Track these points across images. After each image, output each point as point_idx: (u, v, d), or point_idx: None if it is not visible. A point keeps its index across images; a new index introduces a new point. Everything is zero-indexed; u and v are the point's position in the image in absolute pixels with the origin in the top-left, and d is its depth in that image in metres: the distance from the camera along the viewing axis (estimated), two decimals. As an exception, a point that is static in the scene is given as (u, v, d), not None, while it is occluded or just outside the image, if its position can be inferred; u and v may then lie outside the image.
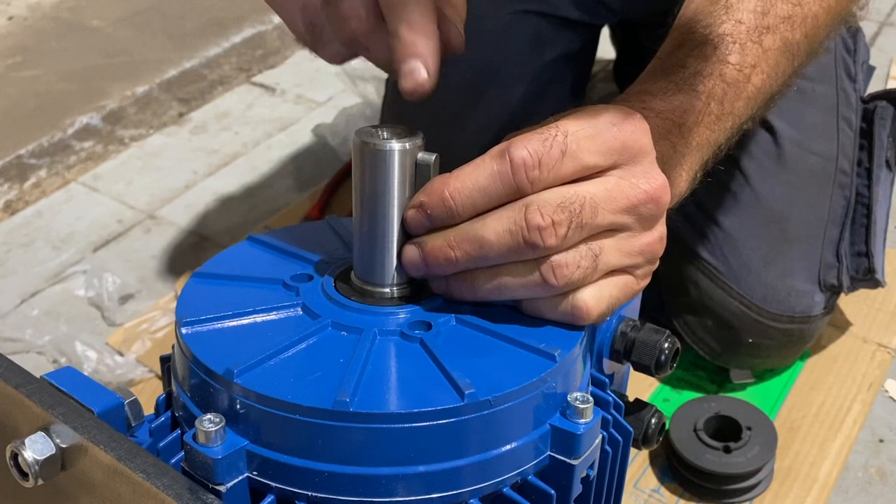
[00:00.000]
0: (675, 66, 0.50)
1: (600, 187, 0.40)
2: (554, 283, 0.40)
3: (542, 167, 0.39)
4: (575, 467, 0.40)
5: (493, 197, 0.39)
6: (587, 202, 0.39)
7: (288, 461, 0.38)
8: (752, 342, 0.79)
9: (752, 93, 0.52)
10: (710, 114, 0.49)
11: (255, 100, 1.36)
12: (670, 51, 0.52)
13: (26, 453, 0.37)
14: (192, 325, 0.42)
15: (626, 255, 0.41)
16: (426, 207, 0.40)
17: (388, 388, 0.38)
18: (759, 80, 0.52)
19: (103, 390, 0.40)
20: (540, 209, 0.38)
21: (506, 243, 0.39)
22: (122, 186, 1.18)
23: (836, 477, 0.77)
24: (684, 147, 0.48)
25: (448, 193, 0.40)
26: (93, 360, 0.89)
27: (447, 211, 0.40)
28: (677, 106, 0.48)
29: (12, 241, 1.08)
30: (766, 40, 0.52)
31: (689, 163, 0.49)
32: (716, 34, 0.51)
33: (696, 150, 0.49)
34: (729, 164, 0.79)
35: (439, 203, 0.40)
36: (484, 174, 0.39)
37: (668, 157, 0.47)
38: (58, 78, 1.36)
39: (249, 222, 1.11)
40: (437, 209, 0.40)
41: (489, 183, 0.39)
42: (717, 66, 0.50)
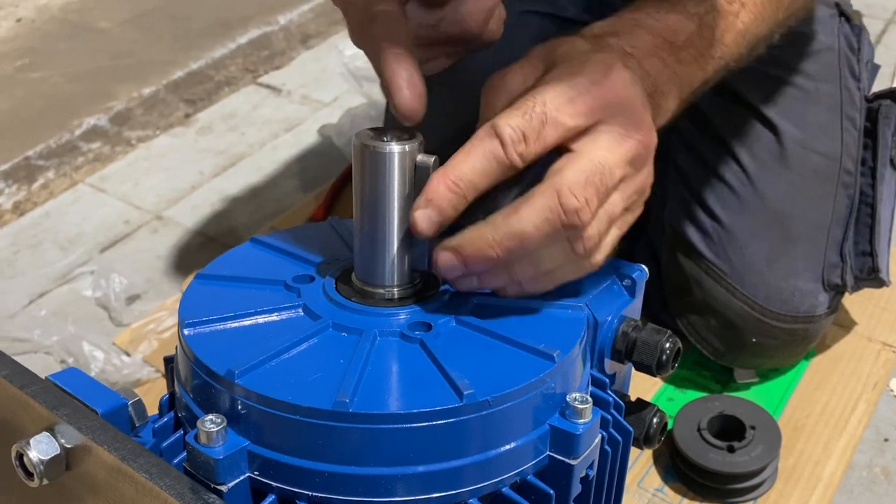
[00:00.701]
0: None
1: (605, 149, 0.41)
2: (583, 253, 0.42)
3: (528, 140, 0.40)
4: (574, 467, 0.40)
5: (490, 176, 0.41)
6: (606, 170, 0.41)
7: (289, 461, 0.38)
8: (755, 342, 0.79)
9: (741, 29, 0.53)
10: (703, 38, 0.50)
11: (261, 100, 1.37)
12: None
13: (31, 453, 0.38)
14: (194, 327, 0.42)
15: (628, 199, 0.44)
16: (433, 202, 0.41)
17: (388, 388, 0.39)
18: (747, 18, 0.54)
19: (107, 391, 0.41)
20: (573, 192, 0.40)
21: (546, 232, 0.40)
22: (128, 187, 1.18)
23: (840, 476, 0.77)
24: (675, 64, 0.49)
25: (451, 182, 0.41)
26: (100, 360, 0.90)
27: (454, 198, 0.41)
28: (669, 24, 0.49)
29: (21, 242, 1.09)
30: None
31: (679, 82, 0.49)
32: None
33: (686, 70, 0.50)
34: (732, 163, 0.79)
35: (445, 193, 0.41)
36: (478, 156, 0.41)
37: (657, 72, 0.47)
38: (65, 79, 1.37)
39: (255, 223, 1.11)
40: (443, 199, 0.41)
41: (484, 164, 0.41)
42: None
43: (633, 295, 0.50)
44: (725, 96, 0.80)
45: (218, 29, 1.49)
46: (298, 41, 1.51)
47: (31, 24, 1.51)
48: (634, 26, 0.48)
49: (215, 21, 1.51)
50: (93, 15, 1.54)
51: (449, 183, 0.40)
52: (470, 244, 0.41)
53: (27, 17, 1.53)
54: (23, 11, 1.55)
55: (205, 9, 1.55)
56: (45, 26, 1.51)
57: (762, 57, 0.81)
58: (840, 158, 0.80)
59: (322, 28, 1.54)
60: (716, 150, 0.80)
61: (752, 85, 0.80)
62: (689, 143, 0.82)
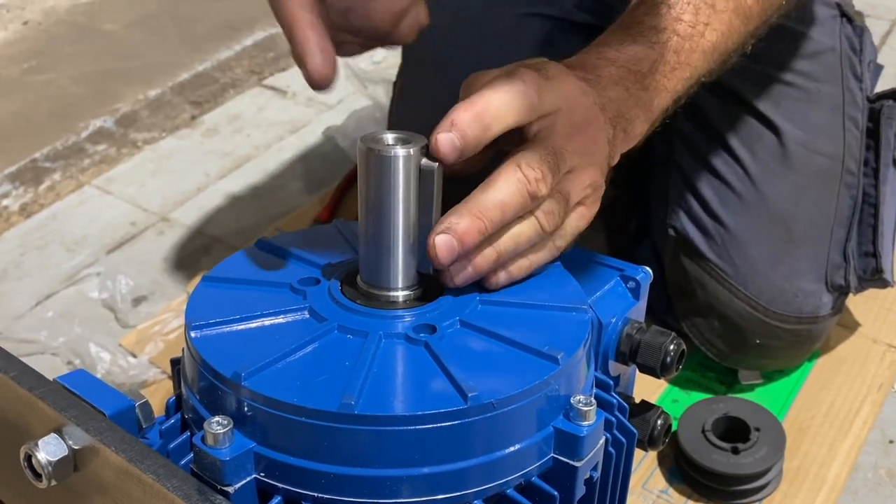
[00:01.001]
0: (632, 22, 0.55)
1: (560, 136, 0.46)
2: (547, 228, 0.46)
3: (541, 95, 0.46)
4: (578, 469, 0.40)
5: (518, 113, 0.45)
6: (558, 152, 0.46)
7: (294, 463, 0.38)
8: (759, 343, 0.79)
9: (708, 48, 0.56)
10: (666, 63, 0.54)
11: (266, 102, 1.37)
12: (629, 11, 0.56)
13: (40, 454, 0.38)
14: (201, 329, 0.42)
15: (582, 192, 0.48)
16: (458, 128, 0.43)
17: (393, 390, 0.39)
18: (713, 36, 0.56)
19: (115, 393, 0.41)
20: (530, 164, 0.44)
21: (518, 201, 0.44)
22: (135, 189, 1.19)
23: (845, 478, 0.77)
24: (640, 91, 0.52)
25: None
26: (106, 361, 0.90)
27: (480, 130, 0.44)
28: (632, 55, 0.52)
29: (28, 244, 1.10)
30: (718, 4, 0.57)
31: (647, 107, 0.53)
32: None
33: (653, 95, 0.53)
34: (734, 165, 0.79)
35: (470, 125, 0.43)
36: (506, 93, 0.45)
37: (622, 101, 0.51)
38: (71, 82, 1.37)
39: (261, 224, 1.11)
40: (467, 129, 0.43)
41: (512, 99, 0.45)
42: (672, 22, 0.54)
43: (637, 297, 0.50)
44: (727, 98, 0.80)
45: (223, 31, 1.49)
46: (303, 43, 1.51)
47: (38, 27, 1.52)
48: (598, 59, 0.51)
49: (221, 23, 1.51)
50: (99, 17, 1.55)
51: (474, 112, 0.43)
52: (459, 220, 0.43)
53: (34, 19, 1.54)
54: (29, 14, 1.55)
55: (210, 11, 1.55)
56: (52, 29, 1.51)
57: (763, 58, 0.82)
58: (842, 159, 0.80)
59: (327, 30, 1.55)
60: (718, 151, 0.80)
61: (754, 87, 0.80)
62: (691, 146, 0.82)
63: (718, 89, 0.81)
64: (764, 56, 0.80)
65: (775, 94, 0.80)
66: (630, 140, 0.52)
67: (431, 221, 0.43)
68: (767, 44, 0.80)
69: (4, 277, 1.04)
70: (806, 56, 0.81)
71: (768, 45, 0.79)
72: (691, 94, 0.57)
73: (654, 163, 0.88)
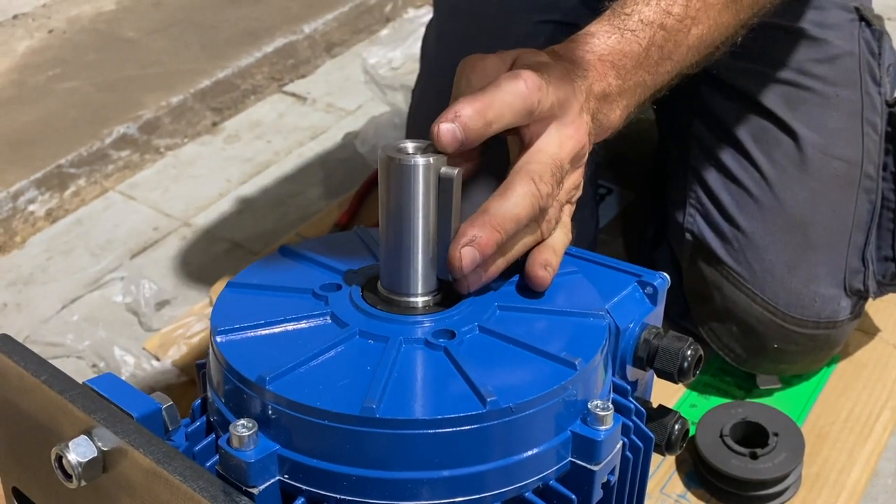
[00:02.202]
0: (621, 13, 0.56)
1: (557, 145, 0.48)
2: (546, 234, 0.49)
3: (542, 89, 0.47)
4: (595, 473, 0.41)
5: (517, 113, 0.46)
6: (559, 163, 0.48)
7: (317, 465, 0.39)
8: (777, 348, 0.79)
9: (693, 42, 0.57)
10: (650, 58, 0.55)
11: (286, 109, 1.38)
12: (622, 2, 0.57)
13: (70, 456, 0.39)
14: (226, 334, 0.43)
15: (569, 193, 0.51)
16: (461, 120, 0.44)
17: (413, 395, 0.40)
18: (699, 30, 0.57)
19: (142, 396, 0.42)
20: (543, 180, 0.46)
21: (531, 214, 0.46)
22: (158, 195, 1.20)
23: (865, 484, 0.76)
24: (621, 87, 0.54)
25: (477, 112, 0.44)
26: (130, 364, 0.92)
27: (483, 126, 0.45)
28: (618, 50, 0.54)
29: (53, 249, 1.11)
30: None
31: (626, 101, 0.54)
32: None
33: (633, 89, 0.54)
34: (752, 170, 0.79)
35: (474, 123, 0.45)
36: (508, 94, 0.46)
37: (605, 95, 0.53)
38: (95, 89, 1.40)
39: (281, 229, 1.13)
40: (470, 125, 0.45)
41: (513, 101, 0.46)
42: (660, 16, 0.55)
43: (654, 303, 0.50)
44: (744, 103, 0.80)
45: (244, 38, 1.51)
46: (323, 50, 1.53)
47: (63, 36, 1.54)
48: (586, 53, 0.53)
49: (241, 31, 1.53)
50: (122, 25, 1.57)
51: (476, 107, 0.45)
52: (481, 233, 0.44)
53: (59, 28, 1.56)
54: (54, 23, 1.58)
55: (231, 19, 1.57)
56: (76, 37, 1.54)
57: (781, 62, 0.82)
58: (861, 163, 0.79)
59: (346, 37, 1.56)
60: (735, 156, 0.80)
61: (771, 91, 0.80)
62: (708, 150, 0.82)
63: (735, 93, 0.81)
64: (781, 60, 0.80)
65: (793, 98, 0.80)
66: (603, 133, 0.54)
67: (451, 229, 0.44)
68: (784, 48, 0.80)
69: (31, 282, 1.06)
70: (824, 60, 0.81)
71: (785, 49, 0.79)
72: (672, 85, 0.59)
73: (670, 168, 0.88)
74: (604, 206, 1.04)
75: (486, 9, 0.86)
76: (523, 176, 0.46)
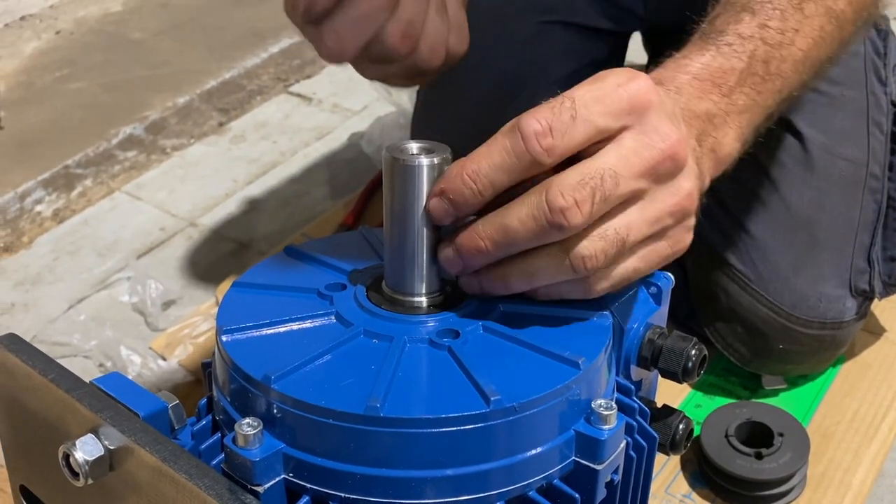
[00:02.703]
0: (713, 32, 0.49)
1: (616, 154, 0.39)
2: (583, 272, 0.41)
3: (555, 133, 0.39)
4: (599, 472, 0.41)
5: (510, 172, 0.40)
6: (606, 173, 0.39)
7: (322, 463, 0.39)
8: (782, 348, 0.79)
9: (799, 57, 0.50)
10: (755, 75, 0.48)
11: (292, 109, 1.39)
12: (709, 21, 0.51)
13: (77, 454, 0.39)
14: (231, 333, 0.44)
15: (654, 223, 0.41)
16: (447, 193, 0.41)
17: (417, 393, 0.40)
18: (804, 44, 0.50)
19: (148, 395, 0.42)
20: (560, 190, 0.39)
21: (530, 228, 0.40)
22: (164, 195, 1.21)
23: (870, 484, 0.76)
24: (728, 106, 0.47)
25: (467, 176, 0.40)
26: (137, 364, 0.92)
27: (468, 192, 0.40)
28: (717, 67, 0.47)
29: (60, 249, 1.12)
30: (807, 8, 0.51)
31: (737, 123, 0.47)
32: (755, 2, 0.50)
33: (743, 110, 0.48)
34: (757, 170, 0.79)
35: (459, 186, 0.40)
36: (497, 150, 0.40)
37: (710, 115, 0.46)
38: (102, 90, 1.40)
39: (287, 229, 1.13)
40: (457, 192, 0.41)
41: (503, 158, 0.39)
42: (758, 29, 0.49)
43: (658, 302, 0.50)
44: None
45: (250, 39, 1.51)
46: (328, 50, 1.53)
47: (70, 36, 1.55)
48: (678, 73, 0.46)
49: (247, 31, 1.53)
50: (128, 26, 1.57)
51: (464, 175, 0.40)
52: (462, 236, 0.42)
53: (66, 29, 1.57)
54: (62, 24, 1.59)
55: (237, 20, 1.58)
56: (84, 38, 1.54)
57: None
58: (867, 164, 0.79)
59: (352, 37, 1.56)
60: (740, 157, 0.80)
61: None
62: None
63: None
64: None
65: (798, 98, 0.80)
66: (720, 163, 0.47)
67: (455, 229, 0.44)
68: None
69: (38, 282, 1.06)
70: (829, 60, 0.80)
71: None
72: (783, 110, 0.52)
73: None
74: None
75: (490, 9, 0.86)
76: (538, 187, 0.39)
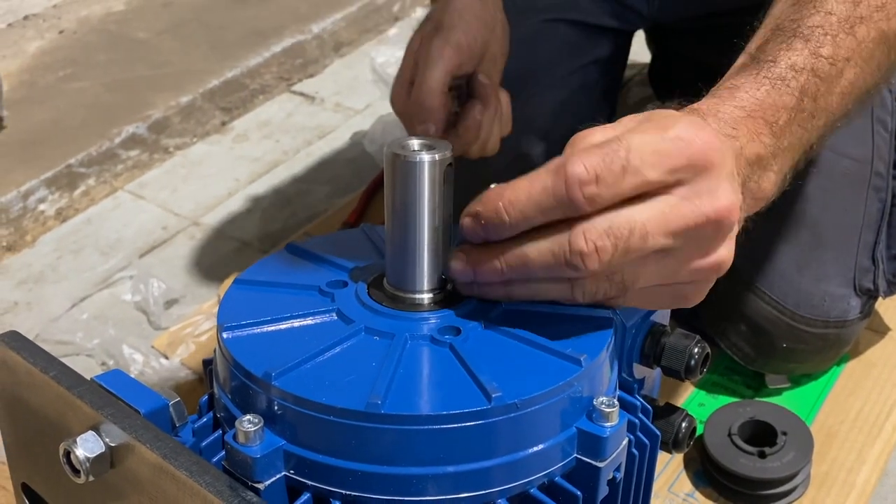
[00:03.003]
0: (765, 60, 0.47)
1: (655, 210, 0.39)
2: (581, 300, 0.42)
3: (601, 183, 0.38)
4: (601, 469, 0.41)
5: (546, 211, 0.39)
6: (637, 229, 0.39)
7: (323, 461, 0.39)
8: (786, 347, 0.79)
9: (846, 88, 0.49)
10: (804, 111, 0.47)
11: (294, 108, 1.39)
12: (760, 45, 0.49)
13: (78, 451, 0.39)
14: (232, 330, 0.43)
15: (667, 277, 0.42)
16: (481, 218, 0.41)
17: (419, 390, 0.40)
18: (852, 73, 0.49)
19: (149, 392, 0.42)
20: (585, 234, 0.39)
21: (548, 263, 0.40)
22: (167, 194, 1.21)
23: (874, 483, 0.76)
24: (776, 147, 0.46)
25: (502, 205, 0.40)
26: (139, 362, 0.92)
27: (500, 223, 0.40)
28: (770, 104, 0.46)
29: (63, 248, 1.12)
30: (859, 31, 0.49)
31: (780, 164, 0.46)
32: (806, 27, 0.48)
33: (787, 150, 0.46)
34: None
35: (493, 215, 0.40)
36: (538, 188, 0.39)
37: (759, 158, 0.45)
38: (105, 89, 1.40)
39: (289, 228, 1.13)
40: (490, 220, 0.40)
41: (543, 198, 0.39)
42: (810, 60, 0.47)
43: (661, 300, 0.50)
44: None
45: (252, 38, 1.51)
46: (331, 49, 1.53)
47: (73, 36, 1.55)
48: (733, 107, 0.45)
49: (250, 30, 1.54)
50: (131, 26, 1.58)
51: (500, 205, 0.40)
52: (479, 255, 0.42)
53: (69, 28, 1.57)
54: (65, 23, 1.59)
55: (239, 19, 1.58)
56: (87, 37, 1.55)
57: None
58: (871, 162, 0.79)
59: (354, 36, 1.56)
60: None
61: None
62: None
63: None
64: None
65: None
66: (757, 204, 0.46)
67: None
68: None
69: (41, 280, 1.07)
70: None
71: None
72: (823, 143, 0.50)
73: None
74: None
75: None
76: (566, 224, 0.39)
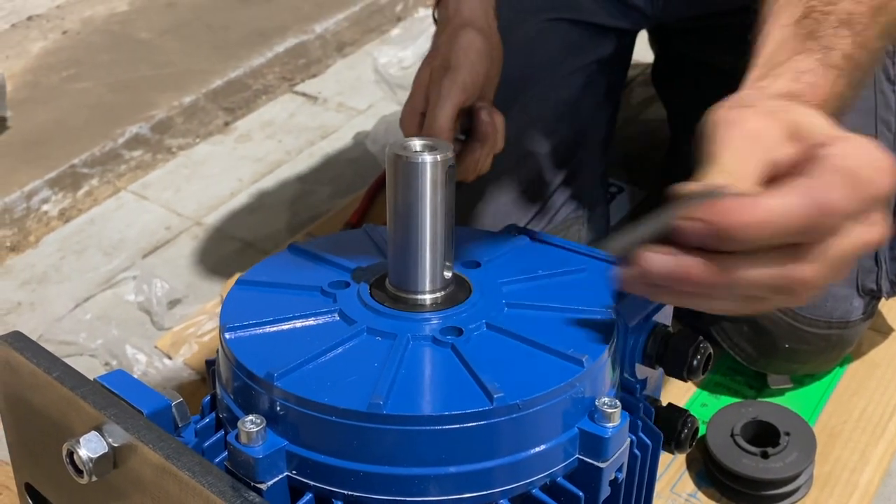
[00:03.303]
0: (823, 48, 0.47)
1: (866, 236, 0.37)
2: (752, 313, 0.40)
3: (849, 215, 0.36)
4: (603, 470, 0.41)
5: (788, 237, 0.36)
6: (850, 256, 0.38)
7: (325, 461, 0.39)
8: (788, 347, 0.79)
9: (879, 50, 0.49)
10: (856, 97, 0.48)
11: (297, 108, 1.39)
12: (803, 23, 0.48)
13: (81, 451, 0.39)
14: (235, 331, 0.44)
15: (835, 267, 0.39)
16: (714, 228, 0.36)
17: (421, 391, 0.40)
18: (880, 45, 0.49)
19: (152, 392, 0.42)
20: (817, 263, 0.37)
21: (759, 286, 0.37)
22: (170, 194, 1.21)
23: (877, 484, 0.76)
24: None
25: (750, 222, 0.35)
26: (142, 363, 0.92)
27: (743, 239, 0.36)
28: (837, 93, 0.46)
29: (67, 248, 1.12)
30: None
31: None
32: None
33: None
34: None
35: (727, 232, 0.36)
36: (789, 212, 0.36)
37: None
38: (108, 89, 1.40)
39: (292, 228, 1.13)
40: (723, 236, 0.36)
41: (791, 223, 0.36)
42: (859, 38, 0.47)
43: (663, 301, 0.50)
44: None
45: (255, 38, 1.51)
46: (334, 49, 1.53)
47: (77, 36, 1.55)
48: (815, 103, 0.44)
49: (252, 31, 1.54)
50: (134, 26, 1.58)
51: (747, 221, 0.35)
52: (687, 259, 0.36)
53: (73, 29, 1.57)
54: (68, 24, 1.59)
55: (242, 19, 1.58)
56: (90, 38, 1.55)
57: None
58: (875, 163, 0.79)
59: (357, 36, 1.56)
60: None
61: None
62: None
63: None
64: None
65: None
66: None
67: None
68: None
69: (45, 281, 1.07)
70: (837, 59, 0.80)
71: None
72: None
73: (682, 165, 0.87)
74: (614, 204, 1.03)
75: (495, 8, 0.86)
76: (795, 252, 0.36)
